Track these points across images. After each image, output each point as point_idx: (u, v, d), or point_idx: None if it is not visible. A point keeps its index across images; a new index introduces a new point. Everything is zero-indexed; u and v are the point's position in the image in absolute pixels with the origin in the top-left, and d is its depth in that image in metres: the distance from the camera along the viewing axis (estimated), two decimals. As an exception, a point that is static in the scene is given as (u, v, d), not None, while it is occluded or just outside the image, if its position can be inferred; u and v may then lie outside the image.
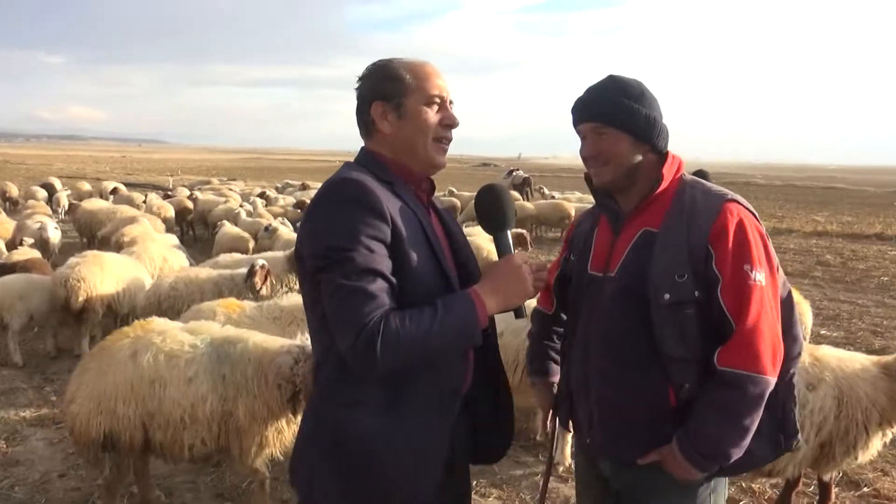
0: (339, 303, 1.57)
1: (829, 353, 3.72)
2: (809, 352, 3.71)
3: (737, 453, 1.80)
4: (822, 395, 3.48)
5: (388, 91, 1.76)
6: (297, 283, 1.90)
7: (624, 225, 1.96)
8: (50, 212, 14.21)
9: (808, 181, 51.50)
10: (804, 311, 5.52)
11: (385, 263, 1.61)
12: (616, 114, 1.89)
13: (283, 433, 3.40)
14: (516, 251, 1.78)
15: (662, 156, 1.96)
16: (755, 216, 1.88)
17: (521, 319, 1.83)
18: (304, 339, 3.36)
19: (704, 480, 1.91)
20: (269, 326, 4.43)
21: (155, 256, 8.10)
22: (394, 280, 1.62)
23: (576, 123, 1.97)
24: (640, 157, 1.92)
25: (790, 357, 1.86)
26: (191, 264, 8.36)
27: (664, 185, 1.91)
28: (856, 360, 3.69)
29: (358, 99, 1.81)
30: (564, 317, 2.24)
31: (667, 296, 1.79)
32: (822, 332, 7.88)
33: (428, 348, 1.58)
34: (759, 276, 1.77)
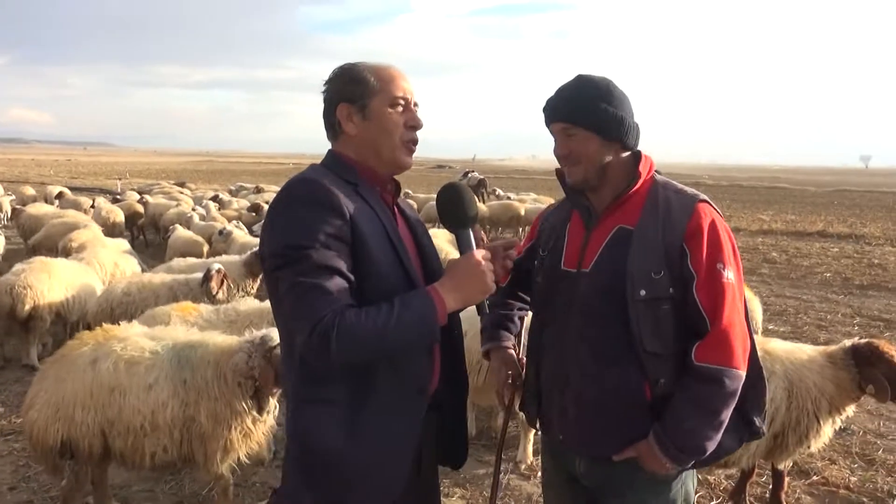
0: (296, 299, 1.59)
1: (778, 346, 3.86)
2: (760, 345, 3.81)
3: (711, 446, 1.85)
4: (774, 387, 3.60)
5: (353, 93, 1.78)
6: (263, 284, 1.92)
7: (598, 222, 1.98)
8: None
9: (753, 181, 53.13)
10: (754, 308, 5.73)
11: (343, 261, 1.63)
12: (584, 114, 1.90)
13: (251, 435, 3.36)
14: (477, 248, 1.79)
15: (635, 154, 1.99)
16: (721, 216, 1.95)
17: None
18: (253, 332, 3.37)
19: (676, 474, 1.97)
20: (225, 330, 4.38)
21: (105, 262, 7.86)
22: (352, 277, 1.64)
23: (547, 123, 1.99)
24: (610, 157, 1.94)
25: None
26: (142, 269, 8.16)
27: (639, 183, 1.94)
28: (803, 352, 3.83)
29: (325, 102, 1.84)
30: (522, 295, 2.30)
31: (643, 292, 1.83)
32: (770, 327, 8.14)
33: (385, 344, 1.60)
34: (730, 275, 1.84)
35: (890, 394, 3.54)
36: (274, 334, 3.19)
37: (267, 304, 5.09)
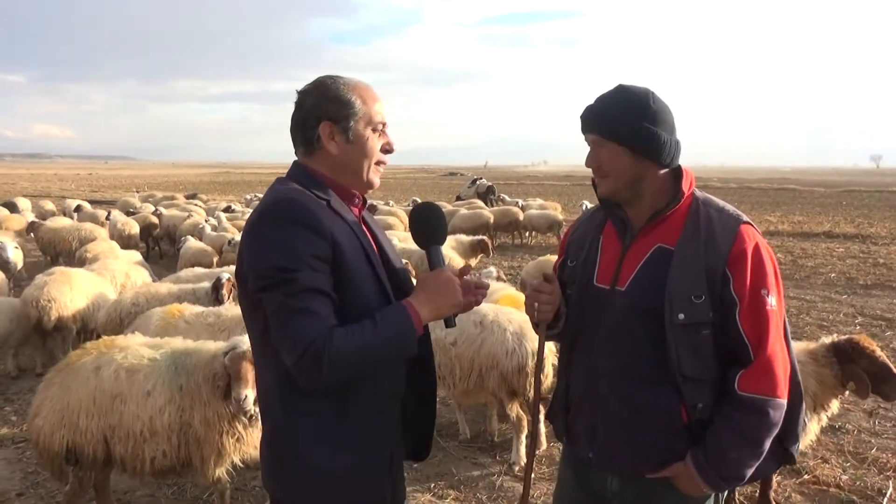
0: (284, 322, 1.62)
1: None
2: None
3: (750, 473, 1.85)
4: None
5: (338, 113, 1.79)
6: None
7: (636, 238, 1.93)
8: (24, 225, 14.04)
9: (762, 183, 52.69)
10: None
11: (327, 281, 1.66)
12: (615, 129, 1.85)
13: (243, 441, 3.48)
14: (449, 264, 1.88)
15: (676, 171, 1.92)
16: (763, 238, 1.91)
17: (451, 329, 1.93)
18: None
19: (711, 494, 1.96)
20: (202, 331, 4.56)
21: (117, 273, 8.11)
22: (335, 296, 1.68)
23: (582, 132, 1.95)
24: (642, 172, 1.88)
25: None
26: (153, 280, 8.37)
27: (681, 202, 1.89)
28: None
29: (302, 114, 1.82)
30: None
31: (681, 316, 1.78)
32: (771, 328, 8.15)
33: (369, 360, 1.67)
34: (773, 301, 1.78)
35: (870, 389, 3.61)
36: (243, 342, 3.32)
37: None
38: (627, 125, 1.84)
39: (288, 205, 1.70)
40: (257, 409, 3.29)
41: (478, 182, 26.09)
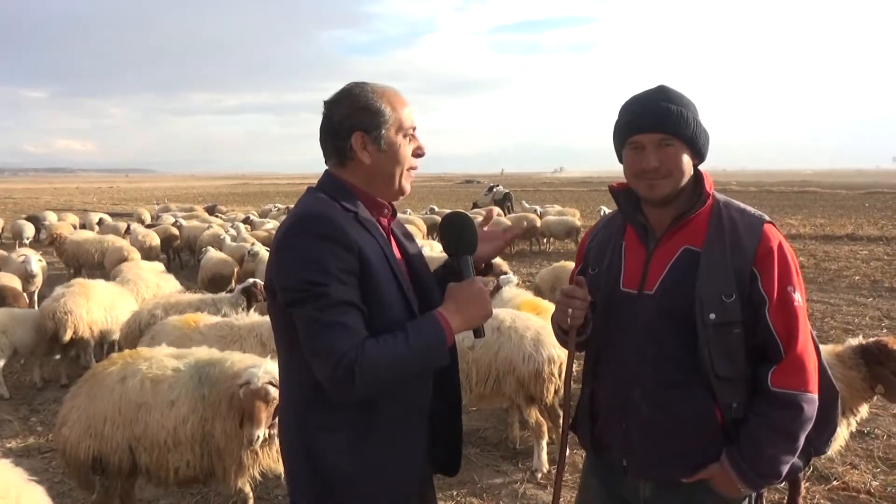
0: (316, 335, 1.63)
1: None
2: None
3: (786, 469, 1.84)
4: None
5: (370, 122, 1.78)
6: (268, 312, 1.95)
7: (660, 242, 1.93)
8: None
9: (783, 186, 52.14)
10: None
11: (356, 294, 1.68)
12: (684, 126, 1.85)
13: (259, 455, 3.49)
14: (476, 276, 1.88)
15: (696, 172, 1.95)
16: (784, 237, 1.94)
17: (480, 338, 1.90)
18: (266, 361, 3.48)
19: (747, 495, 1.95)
20: (215, 343, 4.58)
21: (150, 283, 8.31)
22: (365, 309, 1.69)
23: (633, 133, 1.89)
24: (692, 172, 1.92)
25: None
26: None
27: (709, 202, 1.91)
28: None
29: (333, 124, 1.82)
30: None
31: (712, 316, 1.79)
32: (796, 332, 8.04)
33: (402, 372, 1.68)
34: (799, 297, 1.82)
35: (901, 392, 3.55)
36: (257, 377, 3.28)
37: (259, 319, 5.33)
38: (691, 122, 1.86)
39: (315, 219, 1.71)
40: (272, 431, 3.29)
41: (494, 189, 26.14)
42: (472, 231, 1.90)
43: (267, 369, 3.31)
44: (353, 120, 1.79)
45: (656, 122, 1.86)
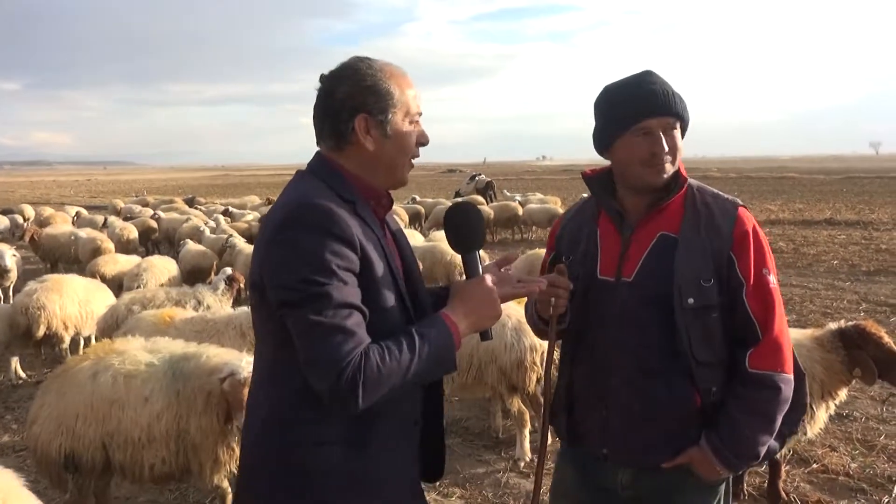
0: (315, 342, 1.47)
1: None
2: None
3: (764, 451, 1.86)
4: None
5: (376, 105, 1.62)
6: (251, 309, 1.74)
7: (636, 228, 1.92)
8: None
9: (762, 172, 52.65)
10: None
11: (357, 294, 1.53)
12: (684, 109, 1.87)
13: (236, 452, 3.41)
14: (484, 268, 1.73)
15: None
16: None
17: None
18: (244, 356, 3.42)
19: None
20: (191, 338, 4.49)
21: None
22: (366, 310, 1.53)
23: (643, 118, 1.84)
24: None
25: None
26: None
27: (685, 187, 1.91)
28: (791, 337, 3.86)
29: (333, 102, 1.64)
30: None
31: (691, 300, 1.80)
32: (776, 316, 8.11)
33: (407, 380, 1.52)
34: (773, 279, 1.85)
35: (876, 375, 3.56)
36: (241, 368, 3.23)
37: (236, 311, 5.24)
38: (686, 107, 1.87)
39: (314, 210, 1.53)
40: None
41: (477, 178, 26.09)
42: (479, 224, 1.77)
43: (249, 360, 3.24)
44: (358, 100, 1.61)
45: (668, 105, 1.84)
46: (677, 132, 1.87)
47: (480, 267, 1.72)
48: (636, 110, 1.85)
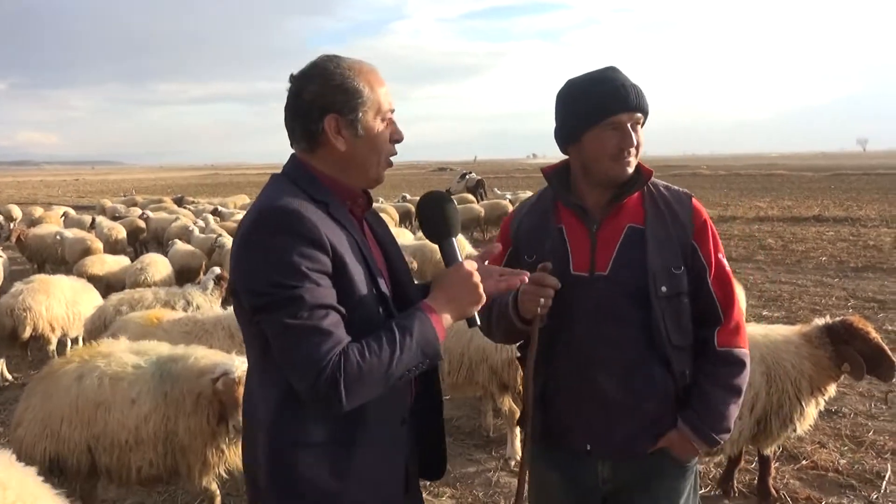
0: (292, 345, 1.46)
1: (753, 330, 3.86)
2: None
3: (732, 424, 1.98)
4: (751, 372, 3.64)
5: (345, 104, 1.60)
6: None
7: (603, 222, 1.95)
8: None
9: (750, 169, 52.94)
10: (738, 295, 5.77)
11: (332, 295, 1.51)
12: (647, 104, 1.92)
13: (225, 454, 3.40)
14: (464, 257, 1.70)
15: None
16: None
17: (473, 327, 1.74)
18: (234, 356, 3.40)
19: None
20: (179, 339, 4.44)
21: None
22: (343, 310, 1.52)
23: (613, 113, 1.87)
24: None
25: None
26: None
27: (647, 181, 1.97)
28: (778, 333, 3.86)
29: (302, 103, 1.61)
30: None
31: (664, 288, 1.88)
32: (765, 312, 8.17)
33: (392, 376, 1.50)
34: (726, 262, 1.98)
35: (865, 370, 3.57)
36: (233, 367, 3.22)
37: (225, 311, 5.22)
38: (647, 102, 1.92)
39: (282, 213, 1.51)
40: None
41: (467, 176, 26.09)
42: (451, 210, 1.73)
43: (241, 359, 3.23)
44: (326, 100, 1.59)
45: (638, 101, 1.89)
46: (641, 127, 1.93)
47: (459, 254, 1.70)
48: (607, 105, 1.87)
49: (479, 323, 1.71)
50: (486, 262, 1.76)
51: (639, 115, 1.90)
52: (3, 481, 2.04)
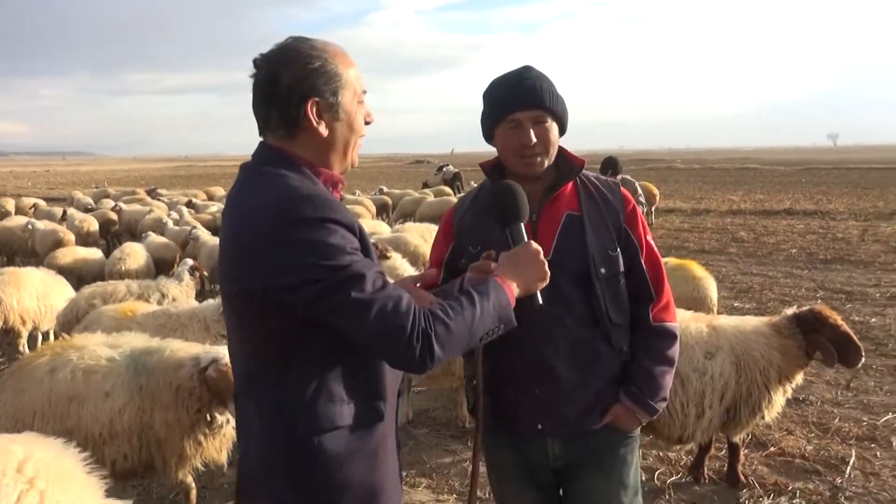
0: (375, 315, 1.44)
1: (725, 321, 3.96)
2: (707, 322, 3.94)
3: (668, 391, 2.13)
4: (721, 362, 3.71)
5: (326, 87, 1.57)
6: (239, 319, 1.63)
7: (541, 212, 2.05)
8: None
9: (724, 164, 53.59)
10: (709, 286, 5.87)
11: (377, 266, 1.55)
12: (555, 103, 2.00)
13: (203, 446, 3.38)
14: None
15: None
16: None
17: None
18: (210, 348, 3.39)
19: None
20: (154, 333, 4.43)
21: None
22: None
23: (510, 111, 1.98)
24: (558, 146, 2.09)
25: None
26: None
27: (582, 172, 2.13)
28: (748, 324, 3.94)
29: (279, 89, 1.56)
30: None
31: (603, 270, 2.01)
32: (736, 304, 8.30)
33: (473, 336, 1.56)
34: (655, 244, 2.15)
35: (836, 358, 3.66)
36: (223, 354, 3.18)
37: (199, 304, 5.14)
38: (558, 98, 2.01)
39: (311, 201, 1.48)
40: (221, 419, 3.20)
41: (444, 169, 26.07)
42: (523, 199, 1.84)
43: (220, 349, 3.25)
44: (307, 84, 1.55)
45: (535, 98, 1.97)
46: (550, 126, 2.00)
47: (526, 236, 1.81)
48: (507, 103, 2.00)
49: (541, 302, 1.80)
50: (418, 285, 1.88)
51: (538, 112, 1.97)
52: (27, 453, 2.05)
